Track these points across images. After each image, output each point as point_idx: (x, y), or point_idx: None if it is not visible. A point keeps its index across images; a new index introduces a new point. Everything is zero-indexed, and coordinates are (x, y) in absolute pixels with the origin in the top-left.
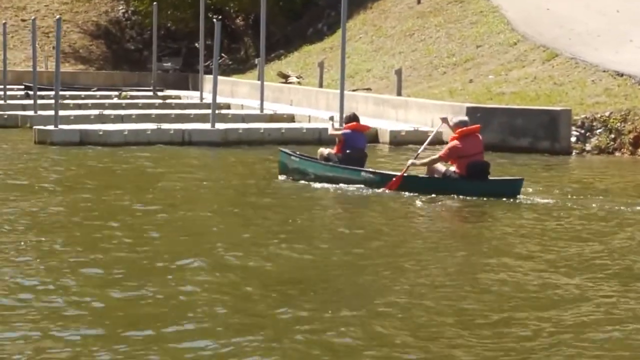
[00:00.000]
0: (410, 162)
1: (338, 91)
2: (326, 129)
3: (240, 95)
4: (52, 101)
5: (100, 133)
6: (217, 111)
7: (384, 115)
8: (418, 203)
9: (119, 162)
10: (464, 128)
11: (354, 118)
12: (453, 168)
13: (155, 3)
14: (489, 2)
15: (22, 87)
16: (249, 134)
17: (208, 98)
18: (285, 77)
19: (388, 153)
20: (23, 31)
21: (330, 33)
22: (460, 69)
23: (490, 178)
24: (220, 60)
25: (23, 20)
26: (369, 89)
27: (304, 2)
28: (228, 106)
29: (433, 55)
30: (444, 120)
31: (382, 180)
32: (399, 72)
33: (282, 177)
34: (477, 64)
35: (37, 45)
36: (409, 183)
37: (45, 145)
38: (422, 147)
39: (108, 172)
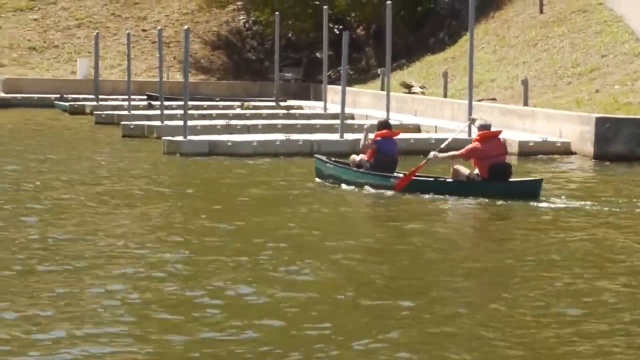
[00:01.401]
0: (432, 154)
1: (463, 101)
2: (455, 139)
3: (362, 105)
4: (176, 111)
5: (229, 144)
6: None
7: (510, 126)
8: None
9: (259, 174)
10: (485, 131)
11: (385, 124)
12: (477, 171)
13: (277, 13)
14: (612, 12)
15: (144, 97)
16: None
17: (331, 108)
18: (408, 87)
19: (516, 164)
20: (144, 41)
21: (452, 43)
22: (586, 79)
23: (512, 180)
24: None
25: (144, 30)
26: (494, 99)
27: (426, 11)
28: (352, 116)
29: (557, 65)
30: (472, 121)
31: (409, 185)
32: (525, 82)
33: (318, 180)
34: (603, 74)
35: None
36: (429, 185)
37: (174, 155)
38: (447, 141)
39: (252, 184)
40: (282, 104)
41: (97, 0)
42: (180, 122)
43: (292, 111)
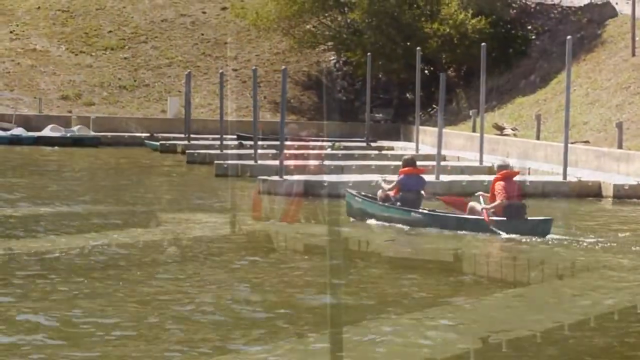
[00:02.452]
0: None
1: (556, 143)
2: (550, 182)
3: (453, 147)
4: (268, 151)
5: (325, 184)
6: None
7: (604, 168)
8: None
9: None
10: (506, 171)
11: (410, 162)
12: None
13: (369, 54)
14: None
15: (234, 137)
16: (472, 186)
17: (423, 149)
18: (500, 129)
19: (611, 207)
20: (234, 81)
21: (543, 85)
22: None
23: (527, 218)
24: (432, 111)
25: (234, 70)
26: (587, 142)
27: (517, 53)
28: (444, 158)
29: None
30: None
31: (429, 220)
32: (619, 125)
33: (351, 220)
34: None
35: (249, 94)
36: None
37: (269, 195)
38: (482, 202)
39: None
40: (372, 144)
41: (188, 40)
42: (273, 162)
43: (383, 152)
